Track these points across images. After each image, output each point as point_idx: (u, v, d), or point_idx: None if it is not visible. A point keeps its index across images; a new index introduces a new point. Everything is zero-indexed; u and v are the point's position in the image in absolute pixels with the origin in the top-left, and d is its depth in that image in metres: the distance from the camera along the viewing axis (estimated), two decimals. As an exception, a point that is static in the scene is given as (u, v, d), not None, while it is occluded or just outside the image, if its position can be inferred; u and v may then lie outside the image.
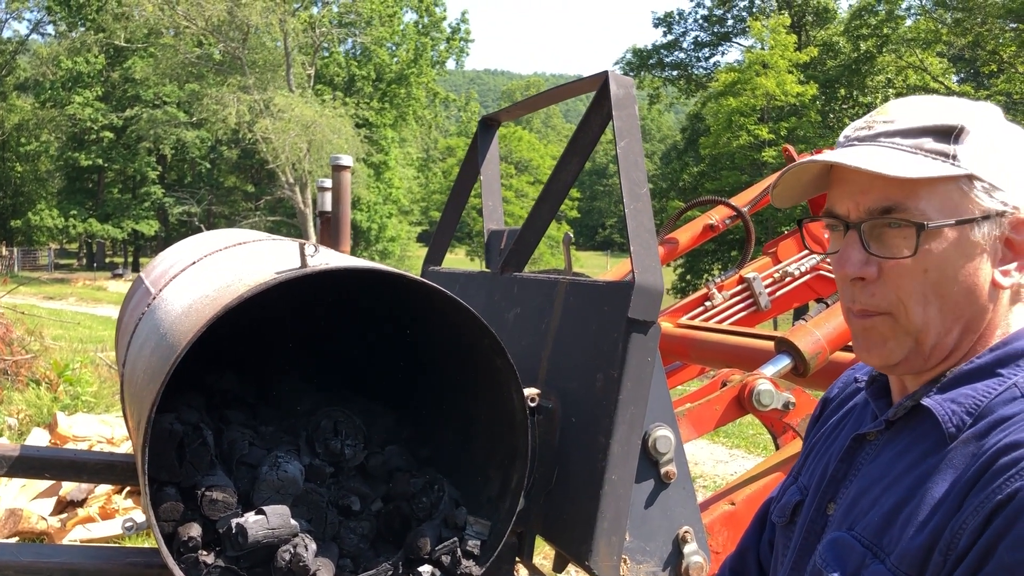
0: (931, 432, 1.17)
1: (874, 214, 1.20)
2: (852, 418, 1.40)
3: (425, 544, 2.05)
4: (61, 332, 16.33)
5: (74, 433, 6.88)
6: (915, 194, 1.17)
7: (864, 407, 1.38)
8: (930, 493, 1.10)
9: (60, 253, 61.32)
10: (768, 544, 1.58)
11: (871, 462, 1.25)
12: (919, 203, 1.17)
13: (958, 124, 1.17)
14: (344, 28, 43.97)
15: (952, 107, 1.21)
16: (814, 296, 4.06)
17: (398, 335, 2.60)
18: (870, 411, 1.34)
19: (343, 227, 4.78)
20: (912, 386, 1.25)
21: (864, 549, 1.14)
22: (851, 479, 1.27)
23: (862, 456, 1.28)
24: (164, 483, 1.94)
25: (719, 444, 10.23)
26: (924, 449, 1.16)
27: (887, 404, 1.30)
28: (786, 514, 1.41)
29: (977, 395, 1.15)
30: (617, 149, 2.19)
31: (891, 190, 1.18)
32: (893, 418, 1.25)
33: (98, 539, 5.57)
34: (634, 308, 2.02)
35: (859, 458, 1.28)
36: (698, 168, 40.73)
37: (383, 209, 47.06)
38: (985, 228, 1.16)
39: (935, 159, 1.16)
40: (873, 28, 35.91)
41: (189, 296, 2.04)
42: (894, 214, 1.18)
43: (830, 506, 1.29)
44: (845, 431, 1.38)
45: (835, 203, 1.25)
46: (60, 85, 48.05)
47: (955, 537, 1.04)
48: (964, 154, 1.16)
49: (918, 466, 1.15)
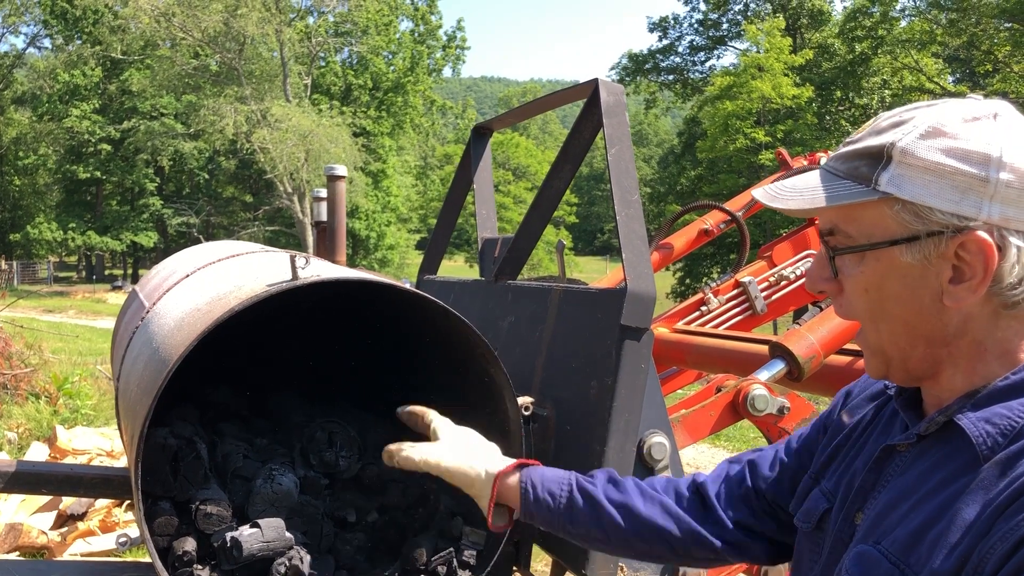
0: (964, 450, 1.14)
1: (824, 235, 1.26)
2: (879, 426, 1.38)
3: (421, 555, 2.04)
4: (60, 345, 16.31)
5: (74, 447, 6.87)
6: (848, 217, 1.21)
7: (893, 416, 1.36)
8: (960, 515, 1.07)
9: (59, 266, 61.33)
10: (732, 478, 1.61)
11: (900, 475, 1.23)
12: (849, 227, 1.21)
13: (887, 144, 1.16)
14: (340, 37, 44.11)
15: (904, 121, 1.18)
16: (810, 300, 4.06)
17: (392, 345, 2.60)
18: (899, 421, 1.32)
19: (339, 237, 4.78)
20: (946, 398, 1.22)
21: (891, 565, 1.13)
22: (879, 490, 1.25)
23: (891, 467, 1.26)
24: (158, 497, 1.94)
25: (720, 448, 10.22)
26: (956, 468, 1.14)
27: (917, 415, 1.28)
28: (812, 520, 1.39)
29: (1013, 415, 1.12)
30: (608, 156, 2.20)
31: (832, 213, 1.23)
32: (925, 433, 1.22)
33: (98, 553, 5.56)
34: (627, 315, 2.02)
35: (888, 469, 1.26)
36: (695, 172, 40.80)
37: (381, 217, 47.10)
38: (916, 249, 1.15)
39: (858, 184, 1.18)
40: (868, 30, 35.99)
41: (181, 310, 2.04)
42: (834, 236, 1.24)
43: (858, 515, 1.27)
44: (873, 439, 1.36)
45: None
46: (57, 98, 48.12)
47: (982, 561, 1.02)
48: (887, 177, 1.15)
49: (949, 485, 1.13)
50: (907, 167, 1.14)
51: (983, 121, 1.14)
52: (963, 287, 1.14)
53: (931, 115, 1.17)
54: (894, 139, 1.16)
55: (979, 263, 1.12)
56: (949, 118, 1.15)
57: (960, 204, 1.12)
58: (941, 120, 1.15)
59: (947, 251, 1.14)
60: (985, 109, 1.16)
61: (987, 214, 1.11)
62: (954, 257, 1.14)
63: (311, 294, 1.87)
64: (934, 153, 1.13)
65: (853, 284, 1.23)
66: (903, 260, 1.16)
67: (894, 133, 1.17)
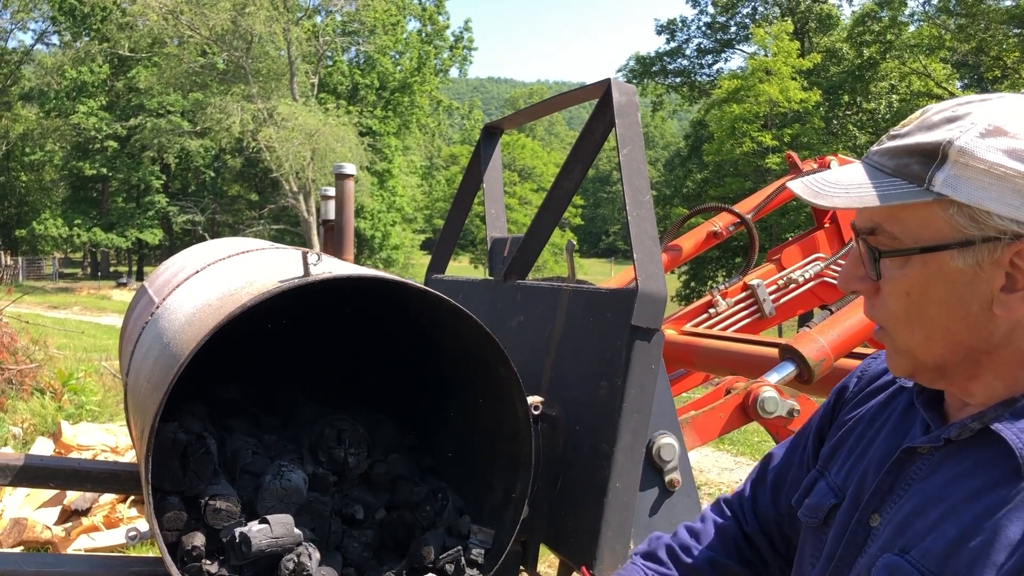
0: (1001, 460, 1.10)
1: (862, 233, 1.19)
2: (891, 421, 1.33)
3: (429, 553, 2.04)
4: (65, 341, 16.32)
5: (78, 442, 6.88)
6: (893, 218, 1.14)
7: (906, 412, 1.31)
8: (1005, 533, 1.04)
9: (64, 262, 61.51)
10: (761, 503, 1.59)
11: (924, 479, 1.18)
12: (895, 227, 1.14)
13: (943, 142, 1.09)
14: (348, 37, 44.15)
15: (960, 117, 1.11)
16: (818, 303, 4.06)
17: (401, 343, 2.59)
18: (919, 420, 1.26)
19: (347, 235, 4.78)
20: (978, 402, 1.18)
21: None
22: (899, 493, 1.20)
23: (913, 470, 1.20)
24: (168, 492, 1.94)
25: (724, 451, 10.19)
26: (993, 478, 1.09)
27: (939, 415, 1.23)
28: (819, 516, 1.35)
29: None
30: (620, 156, 2.19)
31: (875, 212, 1.15)
32: (957, 439, 1.16)
33: (103, 548, 5.57)
34: (637, 315, 2.02)
35: (909, 472, 1.21)
36: (702, 175, 40.74)
37: (387, 217, 47.11)
38: (969, 255, 1.09)
39: (910, 183, 1.11)
40: (876, 34, 35.93)
41: (192, 305, 2.04)
42: (875, 236, 1.16)
43: (874, 517, 1.22)
44: (884, 435, 1.32)
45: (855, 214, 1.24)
46: (64, 95, 48.24)
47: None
48: (941, 178, 1.08)
49: (985, 495, 1.08)
50: (965, 167, 1.07)
51: None
52: (1017, 296, 1.09)
53: (990, 111, 1.10)
54: (950, 137, 1.09)
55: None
56: (1010, 116, 1.08)
57: (1022, 209, 1.06)
58: (1001, 118, 1.08)
59: (1002, 258, 1.08)
60: None
61: None
62: (1008, 264, 1.08)
63: (322, 291, 1.87)
64: (995, 154, 1.06)
65: (893, 287, 1.16)
66: (953, 265, 1.10)
67: (949, 130, 1.10)
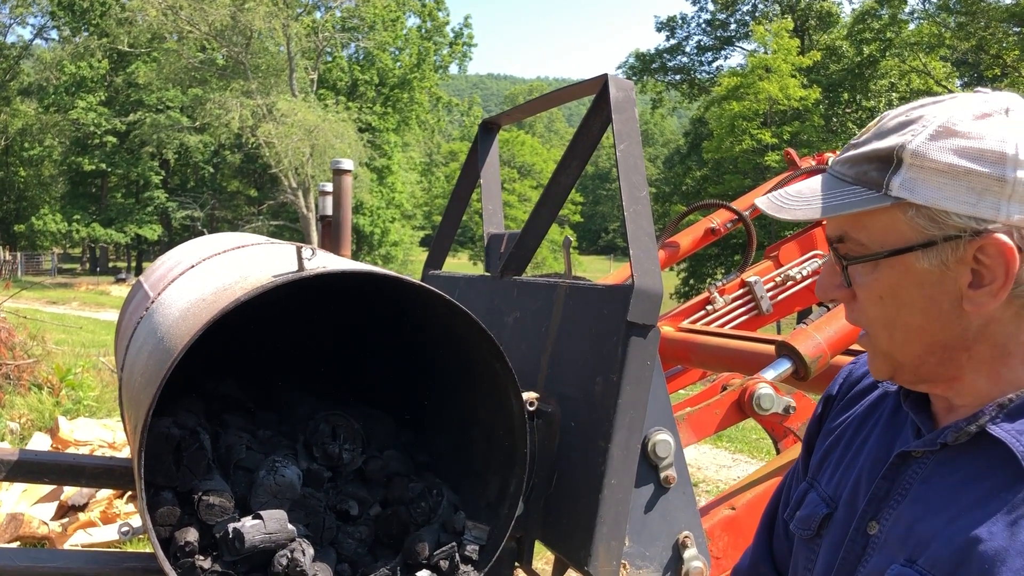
0: (1003, 464, 1.10)
1: (832, 241, 1.22)
2: (879, 426, 1.33)
3: (423, 549, 2.04)
4: (64, 336, 16.34)
5: (76, 438, 6.88)
6: (857, 224, 1.17)
7: (893, 416, 1.31)
8: (1018, 537, 1.04)
9: (63, 258, 61.52)
10: (778, 548, 1.53)
11: (921, 483, 1.18)
12: (860, 234, 1.17)
13: (897, 146, 1.12)
14: (347, 33, 44.10)
15: (914, 121, 1.13)
16: (816, 301, 4.04)
17: (397, 339, 2.59)
18: (908, 424, 1.27)
19: (344, 231, 4.78)
20: (966, 403, 1.18)
21: None
22: (896, 499, 1.20)
23: (908, 475, 1.21)
24: (161, 487, 1.93)
25: (722, 448, 10.20)
26: (997, 483, 1.10)
27: (928, 418, 1.23)
28: (812, 527, 1.34)
29: None
30: (616, 152, 2.18)
31: (841, 220, 1.19)
32: (954, 443, 1.17)
33: (99, 544, 5.57)
34: (633, 312, 2.01)
35: (905, 477, 1.21)
36: (701, 172, 40.76)
37: (386, 213, 47.11)
38: (933, 255, 1.11)
39: (868, 190, 1.14)
40: (876, 32, 35.93)
41: (186, 300, 2.03)
42: (844, 243, 1.19)
43: (872, 525, 1.22)
44: (874, 440, 1.31)
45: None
46: (64, 90, 48.20)
47: None
48: (898, 182, 1.11)
49: (991, 501, 1.09)
50: (919, 170, 1.09)
51: (995, 117, 1.09)
52: (983, 291, 1.11)
53: (940, 113, 1.12)
54: (903, 141, 1.11)
55: (999, 266, 1.08)
56: (959, 116, 1.10)
57: (977, 206, 1.07)
58: (951, 118, 1.10)
59: (965, 255, 1.10)
60: (996, 104, 1.11)
61: (1006, 215, 1.07)
62: (973, 261, 1.10)
63: (316, 286, 1.86)
64: (946, 154, 1.08)
65: (867, 292, 1.19)
66: (919, 266, 1.12)
67: (902, 135, 1.12)
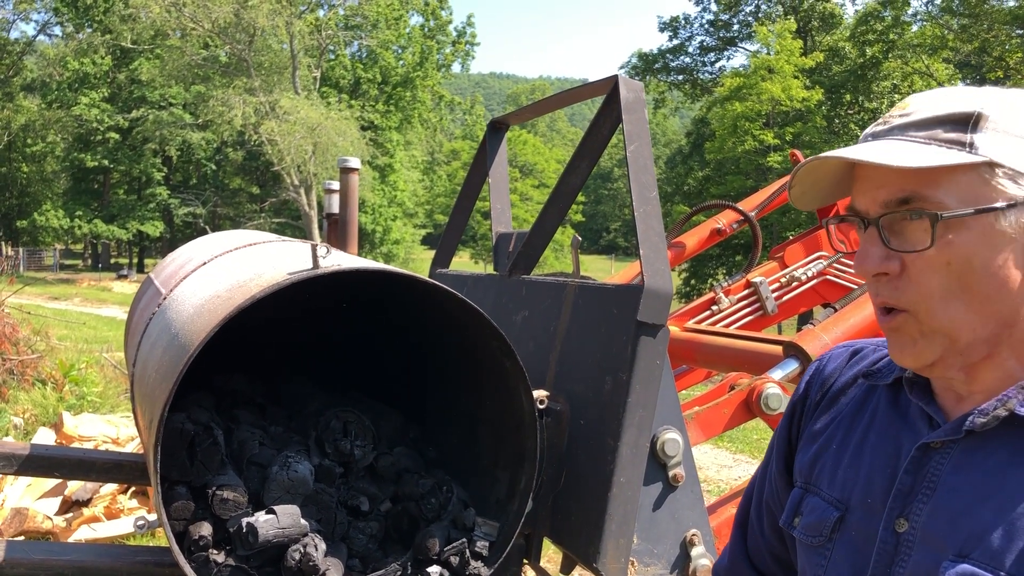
0: None
1: (891, 206, 1.14)
2: (878, 420, 1.30)
3: (434, 545, 2.05)
4: (66, 332, 16.36)
5: (80, 433, 6.89)
6: (933, 183, 1.11)
7: (892, 409, 1.29)
8: None
9: (65, 254, 61.52)
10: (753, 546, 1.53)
11: (952, 475, 1.15)
12: (937, 192, 1.11)
13: (975, 111, 1.11)
14: (350, 31, 44.13)
15: (971, 95, 1.14)
16: (821, 301, 4.06)
17: (407, 336, 2.61)
18: (916, 416, 1.24)
19: (351, 229, 4.78)
20: (976, 388, 1.17)
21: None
22: (925, 493, 1.17)
23: (932, 467, 1.17)
24: (175, 482, 1.95)
25: (723, 449, 10.21)
26: None
27: (938, 409, 1.21)
28: (824, 532, 1.29)
29: None
30: (627, 153, 2.20)
31: (907, 181, 1.12)
32: (982, 429, 1.14)
33: (103, 539, 5.59)
34: (643, 311, 2.03)
35: (928, 469, 1.18)
36: (703, 173, 40.73)
37: (388, 212, 47.10)
38: (1012, 217, 1.09)
39: (950, 148, 1.10)
40: (879, 34, 35.87)
41: (201, 296, 2.05)
42: (911, 204, 1.13)
43: (900, 523, 1.18)
44: (877, 435, 1.28)
45: (855, 200, 1.20)
46: (67, 86, 48.22)
47: None
48: (982, 141, 1.09)
49: None
50: (1003, 133, 1.10)
51: None
52: None
53: (995, 92, 1.14)
54: (979, 106, 1.12)
55: None
56: (1016, 94, 1.14)
57: None
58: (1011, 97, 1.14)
59: None
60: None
61: None
62: None
63: (329, 284, 1.88)
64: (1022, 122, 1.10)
65: (928, 261, 1.13)
66: (998, 228, 1.09)
67: (970, 101, 1.13)
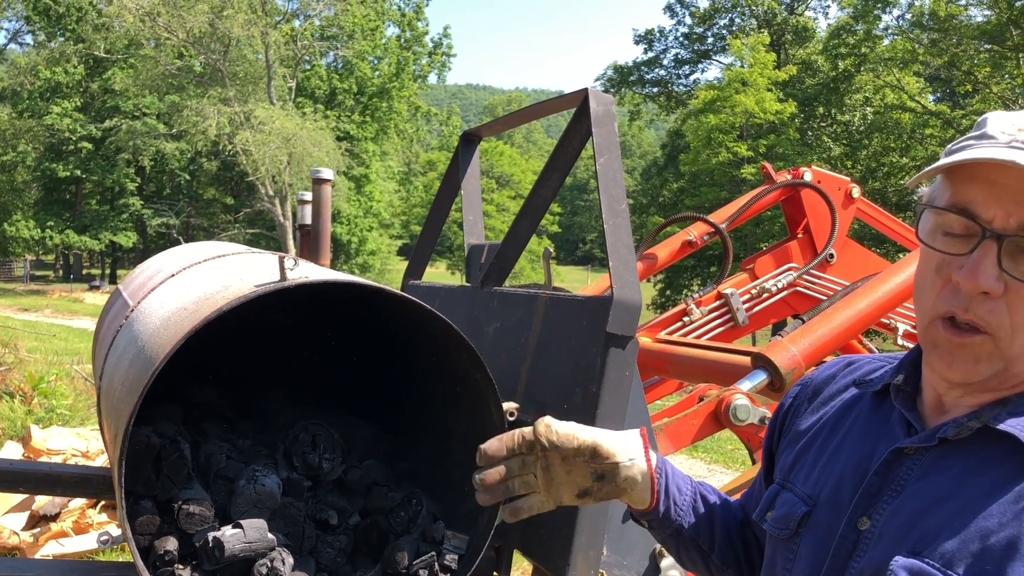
0: (1008, 456, 1.11)
1: (1009, 232, 1.08)
2: (858, 426, 1.32)
3: (403, 558, 2.05)
4: (36, 344, 16.15)
5: (48, 447, 6.79)
6: None
7: (873, 416, 1.31)
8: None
9: (36, 264, 60.77)
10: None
11: (920, 479, 1.17)
12: None
13: None
14: (326, 41, 44.01)
15: None
16: (791, 312, 4.10)
17: (379, 349, 2.60)
18: (896, 422, 1.26)
19: (323, 240, 4.77)
20: (985, 399, 1.18)
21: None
22: (891, 494, 1.19)
23: (902, 471, 1.19)
24: (140, 496, 1.93)
25: (698, 459, 10.26)
26: (1007, 474, 1.10)
27: (919, 417, 1.24)
28: (791, 526, 1.32)
29: None
30: (596, 166, 2.21)
31: None
32: (955, 438, 1.16)
33: (71, 554, 5.51)
34: (612, 323, 2.04)
35: (899, 473, 1.20)
36: (678, 184, 41.02)
37: (363, 222, 46.95)
38: None
39: None
40: (851, 47, 36.33)
41: (167, 309, 2.04)
42: None
43: (863, 521, 1.21)
44: (854, 439, 1.31)
45: (977, 204, 1.11)
46: (38, 95, 47.67)
47: None
48: None
49: (1002, 491, 1.09)
50: None
51: None
52: None
53: None
54: None
55: None
56: None
57: None
58: None
59: None
60: None
61: None
62: None
63: (298, 296, 1.87)
64: None
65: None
66: None
67: None
